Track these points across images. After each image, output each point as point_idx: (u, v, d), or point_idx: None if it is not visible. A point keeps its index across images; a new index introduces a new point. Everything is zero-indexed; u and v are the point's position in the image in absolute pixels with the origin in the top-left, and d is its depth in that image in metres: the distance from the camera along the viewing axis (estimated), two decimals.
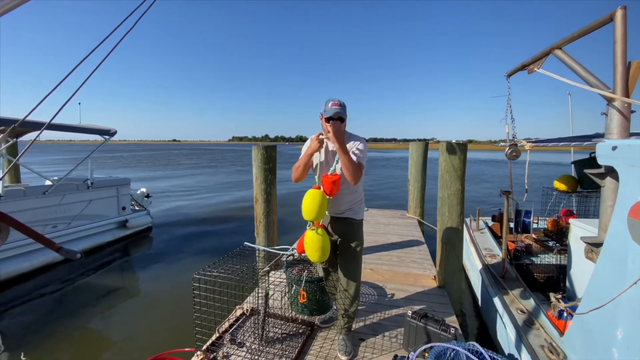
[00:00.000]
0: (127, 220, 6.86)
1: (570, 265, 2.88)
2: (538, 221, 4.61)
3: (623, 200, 1.65)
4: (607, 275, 1.74)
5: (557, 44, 2.27)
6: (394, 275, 3.69)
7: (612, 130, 1.90)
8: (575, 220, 2.86)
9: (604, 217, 1.99)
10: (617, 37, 1.81)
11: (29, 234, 1.20)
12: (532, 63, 2.60)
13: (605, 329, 1.69)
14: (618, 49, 1.80)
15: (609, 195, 1.94)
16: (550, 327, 2.31)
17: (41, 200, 5.31)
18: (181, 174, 21.41)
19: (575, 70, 2.13)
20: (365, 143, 2.18)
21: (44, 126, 1.40)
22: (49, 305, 4.17)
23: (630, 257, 1.56)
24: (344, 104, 2.12)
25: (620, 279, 1.59)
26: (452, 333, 2.11)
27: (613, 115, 1.88)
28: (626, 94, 1.81)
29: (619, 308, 1.60)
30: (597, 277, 1.82)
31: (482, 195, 13.24)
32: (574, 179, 3.44)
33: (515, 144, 3.01)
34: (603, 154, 1.83)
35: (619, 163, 1.72)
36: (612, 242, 1.72)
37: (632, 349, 1.52)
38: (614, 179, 1.88)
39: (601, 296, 1.71)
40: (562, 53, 2.23)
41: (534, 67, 2.55)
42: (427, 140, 8.47)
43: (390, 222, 6.24)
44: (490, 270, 3.40)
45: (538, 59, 2.52)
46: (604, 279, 1.77)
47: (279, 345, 2.37)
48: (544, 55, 2.44)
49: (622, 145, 1.70)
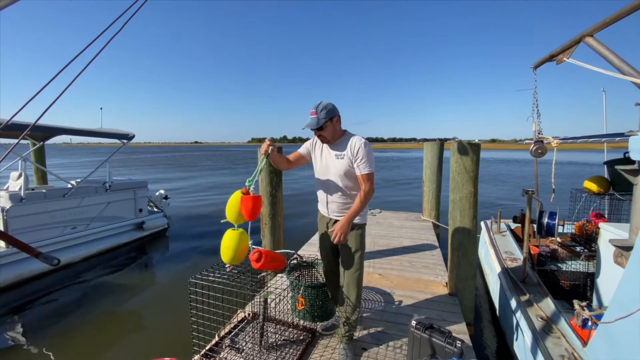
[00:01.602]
0: (144, 222, 7.02)
1: (598, 273, 2.66)
2: (564, 225, 4.32)
3: None
4: (638, 281, 1.57)
5: (588, 31, 2.08)
6: (403, 281, 3.55)
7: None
8: (606, 224, 2.63)
9: (635, 218, 1.81)
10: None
11: (10, 242, 1.19)
12: (561, 52, 2.41)
13: (633, 339, 1.53)
14: None
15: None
16: (572, 337, 2.13)
17: (61, 203, 5.51)
18: (199, 175, 21.85)
19: (608, 58, 1.93)
20: (366, 146, 2.04)
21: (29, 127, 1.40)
22: (56, 305, 4.30)
23: None
24: (324, 106, 2.02)
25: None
26: (458, 346, 1.97)
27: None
28: None
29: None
30: (626, 283, 1.65)
31: (501, 197, 12.72)
32: (606, 180, 3.20)
33: (541, 141, 2.81)
34: (637, 149, 1.68)
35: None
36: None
37: None
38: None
39: (630, 304, 1.55)
40: (594, 40, 2.05)
41: (563, 56, 2.36)
42: (447, 139, 8.19)
43: (404, 224, 6.06)
44: (509, 274, 3.21)
45: (567, 48, 2.33)
46: (633, 285, 1.60)
47: (278, 351, 2.31)
48: (574, 43, 2.25)
49: None
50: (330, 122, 2.05)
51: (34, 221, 5.11)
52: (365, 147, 2.04)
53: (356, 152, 2.03)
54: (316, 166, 2.27)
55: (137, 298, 4.54)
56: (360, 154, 2.02)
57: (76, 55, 1.32)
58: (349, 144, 2.07)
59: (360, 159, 2.03)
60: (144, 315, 4.10)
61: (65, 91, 1.27)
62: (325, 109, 2.02)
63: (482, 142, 2.99)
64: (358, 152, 2.03)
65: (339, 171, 2.11)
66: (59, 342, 3.44)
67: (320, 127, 2.03)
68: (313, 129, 2.06)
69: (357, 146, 2.04)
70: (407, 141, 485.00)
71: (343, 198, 2.16)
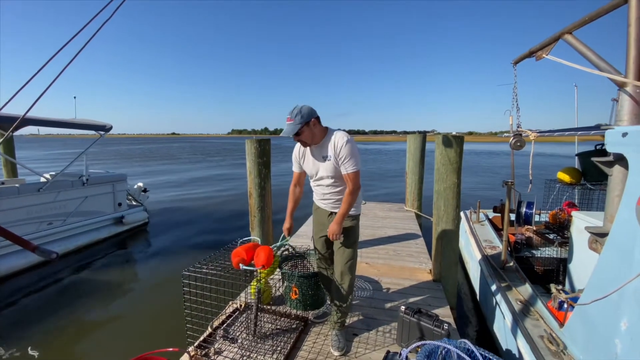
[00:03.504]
0: (124, 217, 6.84)
1: (571, 258, 2.85)
2: (540, 214, 4.57)
3: (632, 189, 1.60)
4: (612, 265, 1.70)
5: (567, 29, 2.18)
6: (389, 269, 3.67)
7: (622, 116, 1.83)
8: (578, 213, 2.82)
9: (610, 207, 1.94)
10: (631, 20, 1.73)
11: (3, 235, 1.16)
12: (540, 49, 2.52)
13: (608, 320, 1.66)
14: (632, 32, 1.73)
15: (616, 184, 1.89)
16: (550, 318, 2.28)
17: (36, 198, 5.27)
18: (178, 168, 21.35)
19: (586, 55, 2.04)
20: (348, 144, 2.03)
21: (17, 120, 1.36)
22: (39, 303, 4.15)
23: (637, 246, 1.52)
24: (299, 111, 2.01)
25: (627, 269, 1.56)
26: (445, 329, 2.09)
27: (624, 101, 1.82)
28: (639, 79, 1.75)
29: (624, 299, 1.56)
30: (601, 267, 1.78)
31: (478, 187, 13.20)
32: (577, 171, 3.40)
33: (520, 134, 2.95)
34: (612, 141, 1.77)
35: (630, 150, 1.66)
36: (618, 232, 1.67)
37: (637, 340, 1.49)
38: (622, 168, 1.83)
39: (605, 287, 1.67)
40: (573, 38, 2.15)
41: (542, 53, 2.47)
42: (426, 132, 8.39)
43: (388, 215, 6.21)
44: (489, 261, 3.38)
45: (547, 45, 2.43)
46: (608, 270, 1.73)
47: (272, 340, 2.36)
48: (553, 40, 2.35)
49: (633, 131, 1.64)
50: (307, 127, 2.04)
51: (7, 217, 4.87)
52: (347, 145, 2.02)
53: (339, 152, 2.03)
54: (308, 171, 2.31)
55: (121, 294, 4.44)
56: (344, 152, 2.02)
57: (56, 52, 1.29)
58: (331, 143, 2.07)
59: (344, 158, 2.03)
60: (130, 311, 4.02)
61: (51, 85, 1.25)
62: (299, 114, 2.00)
63: (460, 135, 3.12)
64: (341, 151, 2.03)
65: (328, 172, 2.14)
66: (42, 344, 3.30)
67: (297, 133, 2.03)
68: (291, 136, 2.04)
69: (340, 145, 2.03)
70: (388, 133, 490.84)
71: (338, 195, 2.22)
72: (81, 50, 1.29)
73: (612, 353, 1.61)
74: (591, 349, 1.80)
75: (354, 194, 2.10)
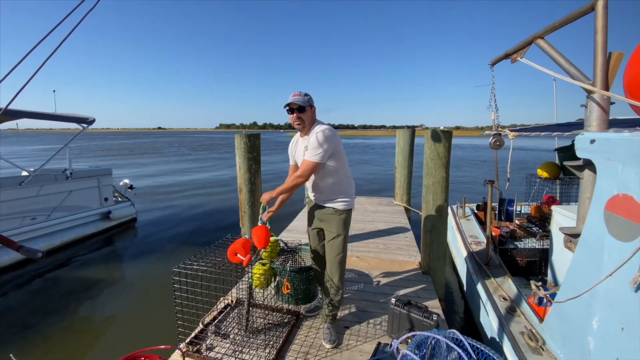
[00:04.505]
0: (110, 212, 6.70)
1: (552, 251, 2.95)
2: (522, 207, 4.70)
3: (600, 194, 1.66)
4: (584, 266, 1.76)
5: (539, 33, 2.22)
6: (380, 263, 3.72)
7: (591, 122, 1.88)
8: (557, 207, 2.91)
9: (581, 208, 2.01)
10: (597, 27, 1.77)
11: None
12: (514, 52, 2.56)
13: (582, 318, 1.72)
14: (599, 40, 1.77)
15: (587, 187, 1.95)
16: (530, 314, 2.36)
17: (18, 192, 5.12)
18: (166, 163, 21.00)
19: (557, 60, 2.08)
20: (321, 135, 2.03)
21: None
22: (22, 303, 4.06)
23: (606, 249, 1.58)
24: (306, 93, 2.13)
25: (597, 270, 1.62)
26: (434, 320, 2.14)
27: (592, 107, 1.86)
28: (606, 86, 1.78)
29: (595, 298, 1.63)
30: (575, 267, 1.85)
31: (465, 181, 13.44)
32: (556, 166, 3.49)
33: (499, 134, 3.01)
34: (581, 147, 1.83)
35: (597, 157, 1.72)
36: (589, 234, 1.74)
37: (607, 339, 1.56)
38: (592, 172, 1.88)
39: (578, 286, 1.74)
40: (544, 42, 2.19)
41: (517, 56, 2.51)
42: (415, 127, 8.45)
43: (378, 209, 6.27)
44: (474, 258, 3.46)
45: (521, 48, 2.47)
46: (581, 270, 1.79)
47: (264, 335, 2.37)
48: (526, 44, 2.39)
49: (600, 138, 1.69)
50: (310, 108, 2.14)
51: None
52: (320, 135, 2.03)
53: (312, 138, 2.06)
54: (299, 163, 2.31)
55: (110, 292, 4.37)
56: (312, 140, 2.05)
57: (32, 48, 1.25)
58: (311, 133, 2.10)
59: (311, 145, 2.05)
60: (120, 309, 3.96)
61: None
62: (307, 96, 2.13)
63: (447, 129, 3.16)
64: (312, 138, 2.05)
65: None
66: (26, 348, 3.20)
67: (303, 109, 2.08)
68: (295, 107, 2.07)
69: (314, 133, 2.06)
70: (377, 128, 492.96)
71: (328, 187, 2.22)
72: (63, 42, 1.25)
73: (585, 350, 1.68)
74: (567, 345, 1.87)
75: (298, 179, 2.09)
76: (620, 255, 1.49)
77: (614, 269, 1.49)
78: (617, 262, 1.50)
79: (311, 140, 2.05)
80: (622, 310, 1.49)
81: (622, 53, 1.80)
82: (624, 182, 1.51)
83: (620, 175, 1.54)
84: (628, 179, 1.49)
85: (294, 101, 2.07)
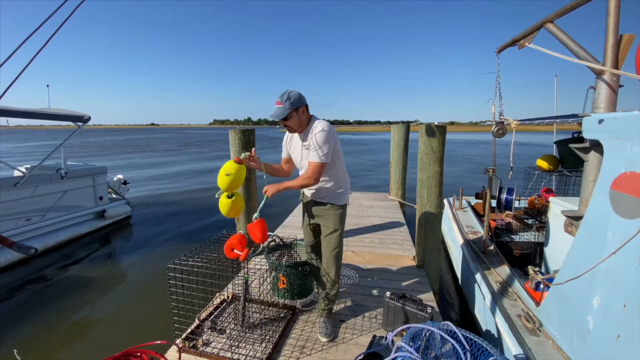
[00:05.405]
0: (105, 210, 6.66)
1: (547, 242, 2.99)
2: (520, 200, 4.74)
3: (606, 173, 1.67)
4: (586, 247, 1.78)
5: (548, 18, 2.22)
6: (375, 257, 3.75)
7: (599, 104, 1.90)
8: (555, 198, 2.95)
9: (585, 192, 2.02)
10: (610, 9, 1.77)
11: None
12: (522, 38, 2.56)
13: (582, 298, 1.75)
14: (611, 21, 1.77)
15: (591, 170, 1.96)
16: (527, 298, 2.40)
17: (13, 193, 5.05)
18: (160, 159, 20.85)
19: (566, 44, 2.09)
20: (322, 134, 2.02)
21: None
22: (20, 303, 4.04)
23: (610, 228, 1.59)
24: (289, 96, 1.99)
25: (599, 250, 1.64)
26: (428, 312, 2.17)
27: (601, 88, 1.88)
28: (616, 67, 1.80)
29: (596, 278, 1.65)
30: (576, 249, 1.86)
31: (460, 175, 13.52)
32: (555, 158, 3.53)
33: (502, 122, 3.03)
34: (589, 128, 1.83)
35: (605, 136, 1.72)
36: (592, 215, 1.75)
37: (608, 316, 1.59)
38: (598, 154, 1.89)
39: (579, 267, 1.76)
40: (554, 27, 2.19)
41: (525, 42, 2.51)
42: (409, 122, 8.48)
43: (373, 204, 6.30)
44: (471, 246, 3.50)
45: (529, 34, 2.47)
46: (582, 251, 1.81)
47: (261, 329, 2.39)
48: (535, 29, 2.39)
49: (609, 118, 1.69)
50: (296, 113, 2.03)
51: None
52: (320, 134, 2.02)
53: (313, 139, 2.04)
54: (294, 160, 2.33)
55: (106, 289, 4.36)
56: (314, 140, 2.03)
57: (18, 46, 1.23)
58: (310, 131, 2.08)
59: (314, 146, 2.03)
60: (116, 306, 3.97)
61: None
62: (289, 100, 1.99)
63: (442, 125, 3.18)
64: (313, 139, 2.03)
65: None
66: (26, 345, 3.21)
67: (285, 118, 2.03)
68: (278, 120, 2.04)
69: (314, 133, 2.04)
70: (372, 124, 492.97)
71: (324, 184, 2.23)
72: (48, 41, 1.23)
73: (584, 329, 1.72)
74: (565, 325, 1.90)
75: (306, 179, 2.07)
76: (625, 233, 1.50)
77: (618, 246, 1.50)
78: (621, 240, 1.50)
79: (313, 141, 2.03)
80: (625, 287, 1.50)
81: (632, 35, 1.81)
82: (633, 159, 1.51)
83: (628, 153, 1.54)
84: (637, 156, 1.50)
85: (273, 116, 2.00)
